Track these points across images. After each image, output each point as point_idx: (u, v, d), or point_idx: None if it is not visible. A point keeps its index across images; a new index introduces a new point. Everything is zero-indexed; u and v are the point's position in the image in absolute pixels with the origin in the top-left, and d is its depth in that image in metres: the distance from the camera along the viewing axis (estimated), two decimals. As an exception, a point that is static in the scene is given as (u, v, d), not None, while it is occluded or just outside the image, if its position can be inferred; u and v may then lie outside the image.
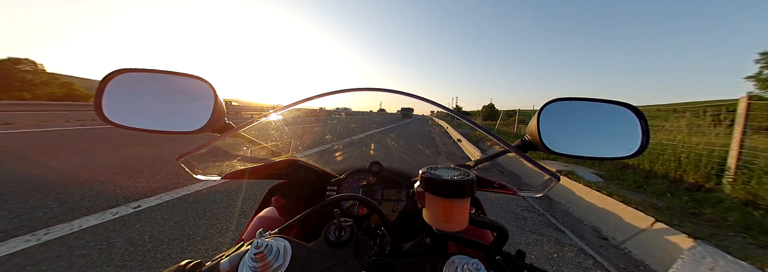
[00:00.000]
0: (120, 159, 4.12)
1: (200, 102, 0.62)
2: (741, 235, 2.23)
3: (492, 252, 0.44)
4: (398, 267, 0.40)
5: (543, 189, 0.64)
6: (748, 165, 3.38)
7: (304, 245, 0.42)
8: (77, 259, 1.65)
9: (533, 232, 2.55)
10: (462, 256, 0.40)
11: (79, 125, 8.01)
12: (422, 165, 0.44)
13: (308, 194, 0.81)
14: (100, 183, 2.97)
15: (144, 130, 0.59)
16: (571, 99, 0.64)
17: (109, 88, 0.57)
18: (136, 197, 2.65)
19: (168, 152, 4.76)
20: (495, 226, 0.43)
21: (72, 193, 2.62)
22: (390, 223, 0.48)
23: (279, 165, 0.75)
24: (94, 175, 3.24)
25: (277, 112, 0.71)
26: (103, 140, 5.59)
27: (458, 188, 0.36)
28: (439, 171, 0.40)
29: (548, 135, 0.62)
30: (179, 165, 0.61)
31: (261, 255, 0.35)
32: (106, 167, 3.62)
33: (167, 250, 1.81)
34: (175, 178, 3.28)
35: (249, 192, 3.01)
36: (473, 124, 0.71)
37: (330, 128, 12.09)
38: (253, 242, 0.36)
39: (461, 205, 0.38)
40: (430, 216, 0.39)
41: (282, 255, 0.38)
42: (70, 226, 2.01)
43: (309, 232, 0.73)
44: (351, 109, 70.50)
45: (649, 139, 0.59)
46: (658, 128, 5.51)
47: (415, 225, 0.76)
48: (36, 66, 24.28)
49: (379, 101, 14.40)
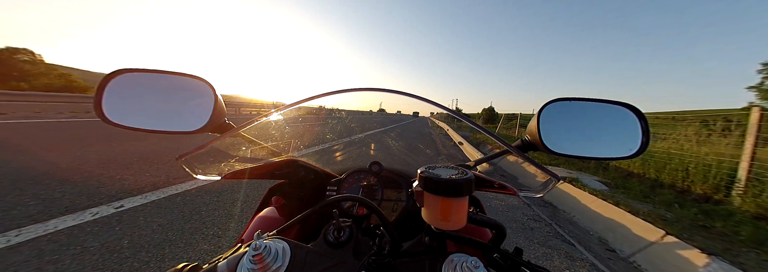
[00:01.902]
0: (109, 153, 3.97)
1: (200, 102, 0.62)
2: (755, 251, 2.13)
3: (490, 250, 0.44)
4: (398, 266, 0.40)
5: (543, 190, 0.64)
6: (760, 178, 3.28)
7: (303, 246, 0.41)
8: (46, 266, 1.52)
9: (542, 245, 2.42)
10: (461, 254, 0.40)
11: (71, 117, 7.87)
12: (422, 164, 0.44)
13: (308, 194, 0.82)
14: (84, 179, 2.83)
15: (144, 130, 0.59)
16: (571, 99, 0.64)
17: (110, 88, 0.57)
18: (120, 196, 2.51)
19: (161, 148, 4.62)
20: (493, 224, 0.43)
21: (53, 190, 2.49)
22: (389, 223, 0.48)
23: (279, 165, 0.74)
24: (79, 170, 3.10)
25: (278, 111, 0.70)
26: (95, 134, 5.45)
27: (456, 187, 0.36)
28: (438, 170, 0.40)
29: (548, 135, 0.62)
30: (179, 164, 0.60)
31: (259, 257, 0.35)
32: (94, 162, 3.48)
33: (146, 258, 1.67)
34: (165, 176, 3.14)
35: (239, 193, 2.85)
36: (474, 124, 0.71)
37: (330, 127, 12.03)
38: (251, 244, 0.36)
39: (460, 204, 0.38)
40: (429, 215, 0.40)
41: (281, 257, 0.38)
42: (45, 227, 1.88)
43: (308, 233, 0.72)
44: (350, 109, 72.49)
45: (649, 139, 0.59)
46: (663, 136, 5.42)
47: (416, 225, 0.76)
48: (34, 56, 24.09)
49: (379, 101, 14.33)
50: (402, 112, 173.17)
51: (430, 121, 36.37)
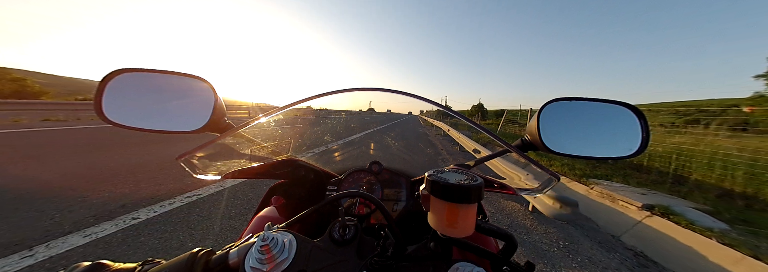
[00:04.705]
0: (62, 171, 3.22)
1: (200, 102, 0.62)
2: None
3: (499, 262, 0.43)
4: (400, 269, 0.40)
5: (542, 189, 0.65)
6: None
7: (308, 240, 0.42)
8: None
9: None
10: (467, 263, 0.39)
11: (10, 127, 6.69)
12: (419, 162, 0.35)
13: (308, 194, 0.82)
14: (13, 209, 2.12)
15: (144, 129, 0.59)
16: (571, 99, 0.64)
17: (110, 87, 0.57)
18: (56, 234, 1.83)
19: (119, 163, 3.78)
20: (503, 234, 0.42)
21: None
22: (394, 224, 0.48)
23: (279, 164, 0.75)
24: (12, 195, 2.42)
25: (277, 112, 0.71)
26: (51, 145, 4.71)
27: (465, 193, 0.35)
28: (446, 174, 0.39)
29: (548, 135, 0.62)
30: (179, 165, 0.60)
31: (267, 248, 0.36)
32: (39, 182, 2.76)
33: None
34: (121, 200, 2.37)
35: (212, 233, 2.07)
36: (474, 123, 0.71)
37: (319, 128, 11.52)
38: (260, 234, 0.38)
39: (468, 211, 0.37)
40: (435, 221, 0.38)
41: (287, 249, 0.38)
42: None
43: (310, 230, 0.73)
44: (338, 109, 71.83)
45: (649, 139, 0.60)
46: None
47: (416, 226, 0.75)
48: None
49: (368, 100, 14.07)
50: (392, 111, 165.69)
51: (422, 120, 32.64)
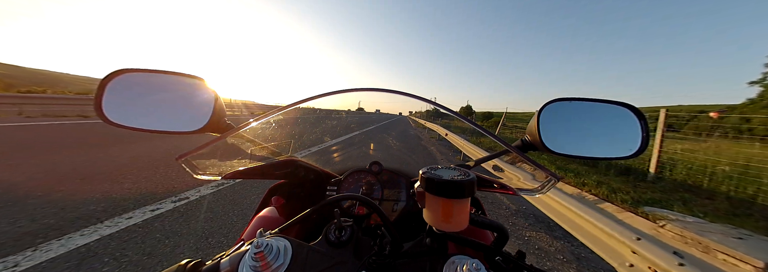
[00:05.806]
0: (32, 171, 2.91)
1: (200, 102, 0.62)
2: None
3: (492, 253, 0.44)
4: (398, 267, 0.40)
5: (542, 189, 0.65)
6: None
7: (304, 244, 0.42)
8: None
9: None
10: (462, 256, 0.40)
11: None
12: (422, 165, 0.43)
13: (308, 194, 0.82)
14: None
15: (144, 129, 0.59)
16: (571, 99, 0.64)
17: (110, 88, 0.57)
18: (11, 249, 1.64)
19: (94, 163, 3.50)
20: (495, 226, 0.43)
21: None
22: (390, 223, 0.48)
23: (279, 165, 0.75)
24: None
25: (277, 112, 0.70)
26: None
27: (458, 188, 0.36)
28: (440, 171, 0.40)
29: (548, 135, 0.62)
30: (180, 165, 0.60)
31: (261, 255, 0.35)
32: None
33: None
34: (95, 208, 2.18)
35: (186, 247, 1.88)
36: (473, 123, 0.70)
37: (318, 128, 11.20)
38: (254, 241, 0.36)
39: (461, 205, 0.38)
40: (430, 216, 0.40)
41: (282, 255, 0.38)
42: None
43: (309, 232, 0.72)
44: (326, 109, 71.47)
45: (649, 139, 0.60)
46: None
47: (415, 225, 0.76)
48: None
49: (357, 100, 13.85)
50: (381, 111, 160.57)
51: (412, 121, 30.70)
